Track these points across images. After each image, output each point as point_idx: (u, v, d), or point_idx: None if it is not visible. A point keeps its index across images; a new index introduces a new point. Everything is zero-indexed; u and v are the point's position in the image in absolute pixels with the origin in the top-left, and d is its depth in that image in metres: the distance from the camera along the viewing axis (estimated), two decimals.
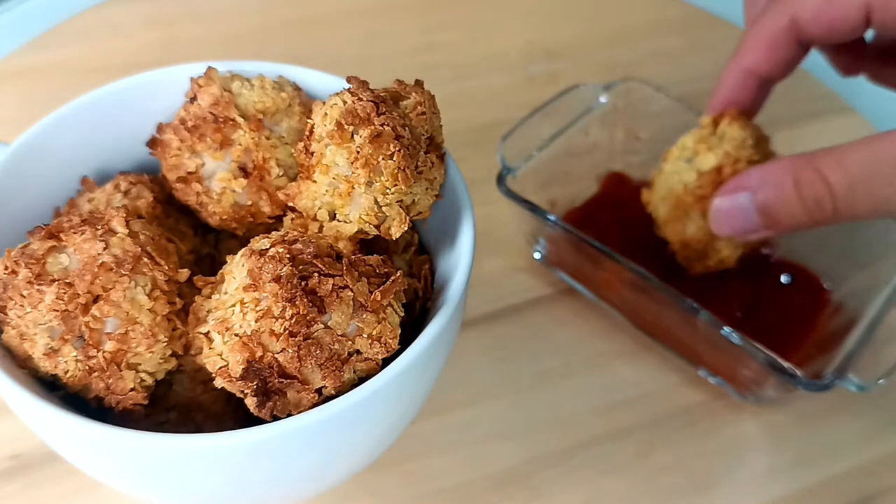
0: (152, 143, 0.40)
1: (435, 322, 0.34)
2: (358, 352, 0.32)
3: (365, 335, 0.32)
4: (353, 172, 0.34)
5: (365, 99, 0.34)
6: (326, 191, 0.35)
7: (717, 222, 0.44)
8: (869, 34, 0.46)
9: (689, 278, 0.51)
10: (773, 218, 0.41)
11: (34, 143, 0.39)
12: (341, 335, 0.31)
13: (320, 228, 0.36)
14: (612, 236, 0.52)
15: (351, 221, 0.35)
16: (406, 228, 0.35)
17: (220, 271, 0.34)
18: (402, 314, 0.34)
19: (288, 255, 0.31)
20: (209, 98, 0.38)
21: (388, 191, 0.34)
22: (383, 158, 0.33)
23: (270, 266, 0.31)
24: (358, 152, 0.33)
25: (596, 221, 0.54)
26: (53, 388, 0.34)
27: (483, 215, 0.40)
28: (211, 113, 0.37)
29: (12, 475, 0.44)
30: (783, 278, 0.53)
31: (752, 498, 0.46)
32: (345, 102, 0.34)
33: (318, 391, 0.32)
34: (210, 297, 0.34)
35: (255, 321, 0.31)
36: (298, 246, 0.32)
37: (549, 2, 0.79)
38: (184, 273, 0.35)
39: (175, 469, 0.32)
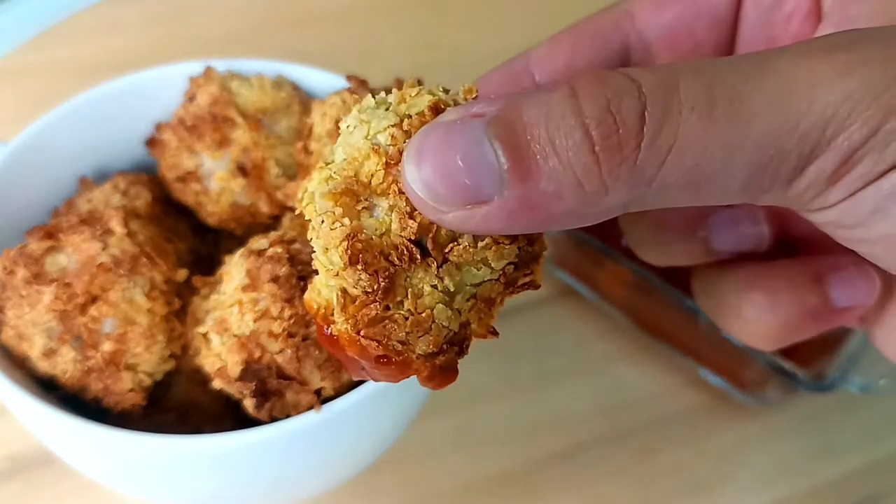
0: (151, 142, 0.39)
1: None
2: None
3: None
4: None
5: None
6: None
7: (414, 176, 0.22)
8: None
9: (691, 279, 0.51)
10: (528, 161, 0.21)
11: (32, 142, 0.39)
12: None
13: None
14: (613, 236, 0.51)
15: None
16: None
17: (219, 271, 0.34)
18: None
19: (286, 255, 0.31)
20: (208, 97, 0.38)
21: None
22: None
23: (269, 266, 0.31)
24: None
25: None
26: (51, 389, 0.33)
27: None
28: (210, 112, 0.37)
29: (11, 476, 0.43)
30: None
31: (753, 499, 0.46)
32: (344, 101, 0.34)
33: (317, 392, 0.31)
34: (208, 298, 0.33)
35: (254, 321, 0.31)
36: (297, 246, 0.32)
37: (550, 1, 0.79)
38: (182, 273, 0.35)
39: (173, 470, 0.32)
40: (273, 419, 0.31)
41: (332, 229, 0.23)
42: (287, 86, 0.40)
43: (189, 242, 0.40)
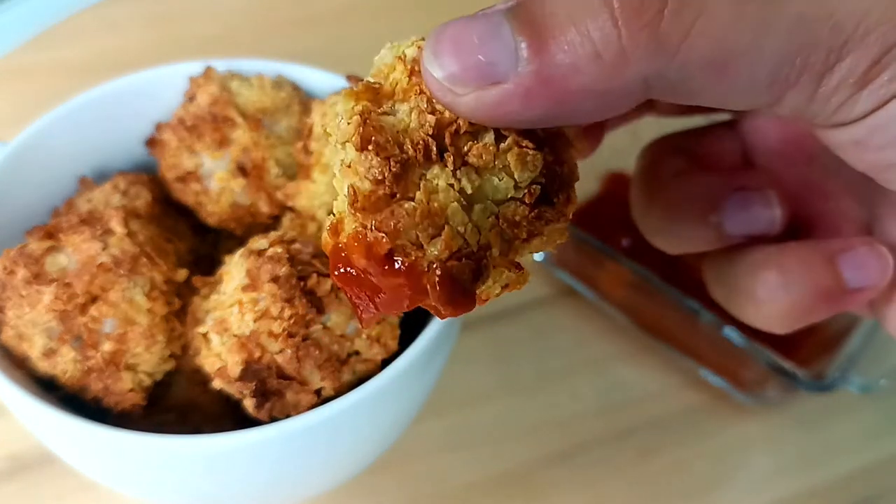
0: (151, 142, 0.39)
1: (435, 323, 0.33)
2: (357, 352, 0.32)
3: (364, 336, 0.31)
4: None
5: None
6: (325, 190, 0.35)
7: (430, 59, 0.22)
8: None
9: (692, 279, 0.51)
10: (544, 33, 0.21)
11: (32, 142, 0.39)
12: (340, 336, 0.31)
13: (319, 228, 0.36)
14: (613, 236, 0.51)
15: None
16: None
17: (219, 271, 0.34)
18: (402, 315, 0.33)
19: (286, 255, 0.31)
20: (208, 97, 0.38)
21: None
22: None
23: (269, 266, 0.31)
24: None
25: (597, 221, 0.54)
26: (51, 389, 0.33)
27: None
28: (210, 112, 0.37)
29: (11, 476, 0.43)
30: None
31: (753, 499, 0.46)
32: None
33: (317, 392, 0.31)
34: (208, 298, 0.33)
35: (254, 321, 0.31)
36: (297, 246, 0.32)
37: None
38: (182, 273, 0.35)
39: (173, 470, 0.32)
40: (273, 419, 0.31)
41: (348, 123, 0.22)
42: (287, 86, 0.40)
43: (189, 242, 0.40)
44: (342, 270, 0.23)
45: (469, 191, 0.22)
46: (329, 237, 0.24)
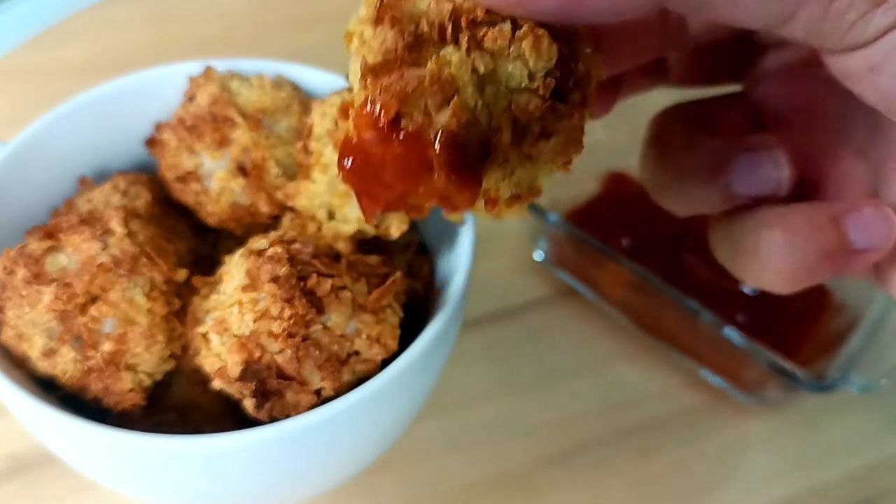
0: (151, 142, 0.39)
1: (435, 323, 0.33)
2: (357, 353, 0.32)
3: (364, 336, 0.31)
4: None
5: None
6: (325, 190, 0.35)
7: None
8: None
9: (692, 279, 0.51)
10: None
11: (32, 142, 0.39)
12: (340, 336, 0.31)
13: (319, 228, 0.36)
14: (613, 236, 0.51)
15: (350, 221, 0.35)
16: (405, 229, 0.35)
17: (219, 271, 0.34)
18: (402, 315, 0.33)
19: (286, 255, 0.31)
20: (208, 97, 0.38)
21: None
22: None
23: (269, 266, 0.31)
24: None
25: (597, 221, 0.54)
26: (51, 389, 0.33)
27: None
28: (209, 112, 0.37)
29: (11, 476, 0.43)
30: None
31: (753, 499, 0.46)
32: (344, 101, 0.34)
33: (317, 392, 0.31)
34: (208, 298, 0.33)
35: (254, 322, 0.31)
36: (297, 246, 0.32)
37: None
38: (182, 273, 0.35)
39: (173, 470, 0.32)
40: (273, 419, 0.31)
41: (367, 8, 0.23)
42: (287, 86, 0.40)
43: (189, 242, 0.40)
44: (348, 161, 0.23)
45: (482, 71, 0.22)
46: (339, 119, 0.24)
